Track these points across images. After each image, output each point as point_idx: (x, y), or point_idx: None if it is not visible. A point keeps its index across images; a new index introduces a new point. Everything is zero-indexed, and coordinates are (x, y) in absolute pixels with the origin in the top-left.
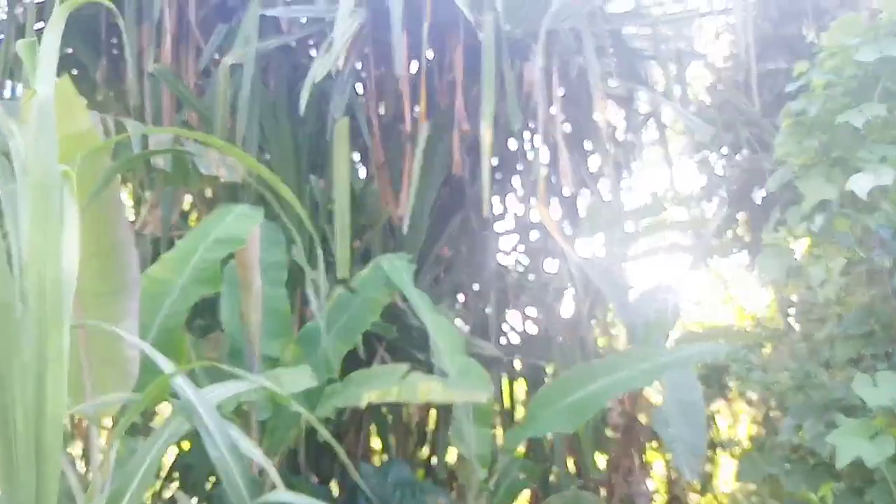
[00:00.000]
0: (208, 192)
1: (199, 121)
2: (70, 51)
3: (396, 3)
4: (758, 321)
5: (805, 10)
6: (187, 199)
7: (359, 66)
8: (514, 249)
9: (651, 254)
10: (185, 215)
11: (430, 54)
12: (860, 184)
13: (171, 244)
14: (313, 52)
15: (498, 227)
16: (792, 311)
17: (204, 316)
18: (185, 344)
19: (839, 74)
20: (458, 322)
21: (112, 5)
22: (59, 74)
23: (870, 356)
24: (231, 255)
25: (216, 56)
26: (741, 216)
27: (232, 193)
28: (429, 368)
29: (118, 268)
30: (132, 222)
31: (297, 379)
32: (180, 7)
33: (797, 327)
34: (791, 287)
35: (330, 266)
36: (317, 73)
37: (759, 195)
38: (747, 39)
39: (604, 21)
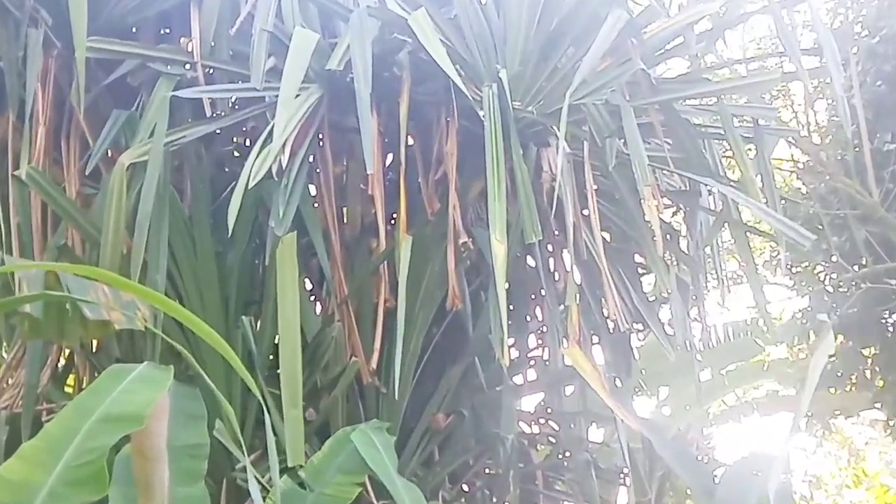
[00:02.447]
0: (94, 343)
1: (83, 242)
2: None
3: (363, 75)
4: None
5: None
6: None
7: (311, 160)
8: (542, 413)
9: (743, 412)
10: (58, 378)
11: (410, 142)
12: None
13: (37, 425)
14: (248, 143)
15: (516, 380)
16: None
17: None
18: None
19: None
20: None
21: None
22: None
23: None
24: (126, 440)
25: (109, 154)
26: (868, 352)
27: (129, 343)
28: None
29: None
30: None
31: None
32: (59, 87)
33: None
34: None
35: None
36: (252, 174)
37: (891, 322)
38: (853, 106)
39: (651, 90)
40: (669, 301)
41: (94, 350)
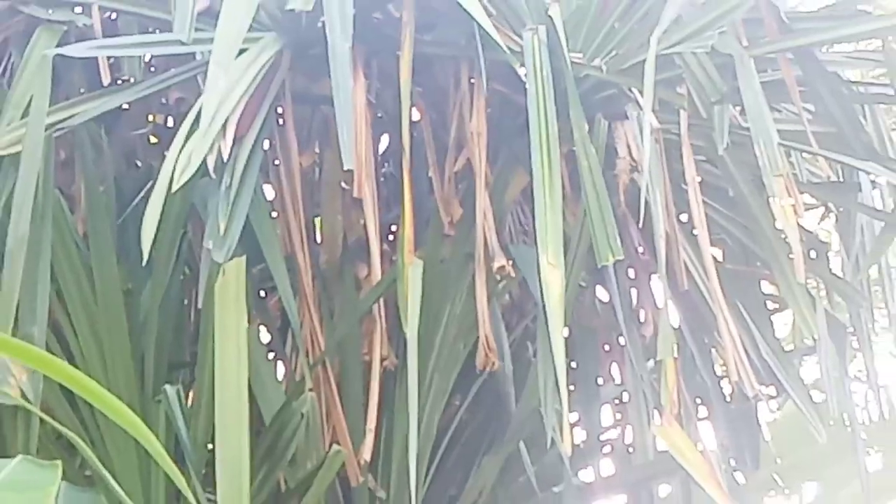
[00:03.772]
0: None
1: None
2: None
3: (340, 21)
4: None
5: None
6: None
7: (267, 147)
8: None
9: None
10: None
11: (416, 116)
12: None
13: None
14: (170, 124)
15: (583, 476)
16: None
17: None
18: None
19: None
20: None
21: None
22: None
23: None
24: None
25: None
26: None
27: None
28: None
29: None
30: None
31: None
32: None
33: None
34: None
35: None
36: (177, 170)
37: None
38: None
39: (781, 31)
40: (817, 351)
41: None
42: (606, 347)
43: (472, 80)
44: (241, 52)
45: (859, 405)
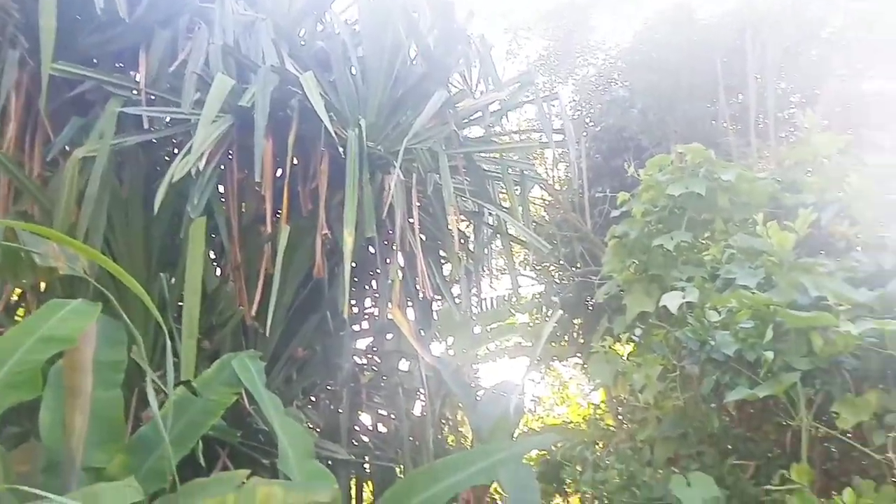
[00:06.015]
0: (42, 285)
1: (40, 212)
2: None
3: (261, 113)
4: (591, 420)
5: (628, 147)
6: (15, 291)
7: (222, 167)
8: (370, 351)
9: (497, 356)
10: (11, 310)
11: (295, 161)
12: (670, 301)
13: None
14: (176, 152)
15: (354, 328)
16: (621, 410)
17: (19, 422)
18: None
19: (654, 204)
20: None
21: None
22: None
23: (684, 456)
24: (60, 355)
25: (66, 148)
26: (576, 322)
27: (69, 287)
28: (274, 474)
29: None
30: None
31: (118, 494)
32: (29, 94)
33: (624, 427)
34: (619, 388)
35: (176, 367)
36: (175, 173)
37: (591, 303)
38: (581, 168)
39: (458, 144)
40: (459, 282)
41: (42, 290)
42: (370, 273)
43: (322, 149)
44: (214, 121)
45: (473, 305)
